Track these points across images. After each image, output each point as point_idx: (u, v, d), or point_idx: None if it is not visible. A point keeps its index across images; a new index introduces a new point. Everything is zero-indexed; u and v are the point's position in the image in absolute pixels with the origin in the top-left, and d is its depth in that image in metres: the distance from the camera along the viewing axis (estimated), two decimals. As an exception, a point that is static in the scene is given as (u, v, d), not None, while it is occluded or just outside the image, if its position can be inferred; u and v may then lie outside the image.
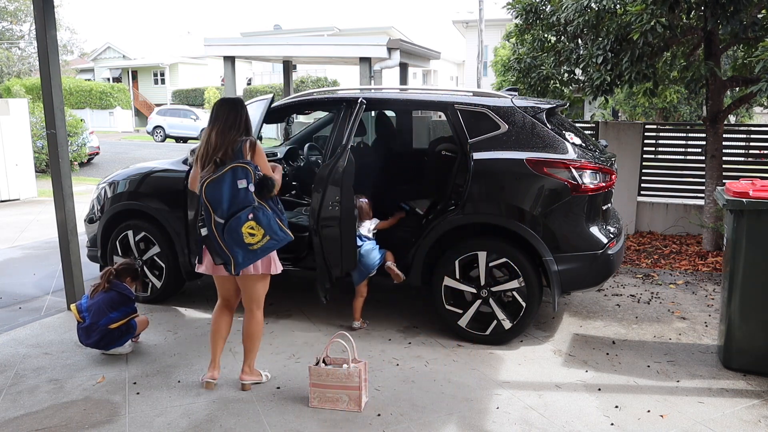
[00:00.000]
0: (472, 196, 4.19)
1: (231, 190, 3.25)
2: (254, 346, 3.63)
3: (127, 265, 4.34)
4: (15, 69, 32.72)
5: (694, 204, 7.40)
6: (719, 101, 6.56)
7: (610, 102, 13.51)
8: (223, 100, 3.47)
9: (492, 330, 4.24)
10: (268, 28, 40.09)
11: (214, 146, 3.32)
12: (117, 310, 4.06)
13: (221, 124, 3.35)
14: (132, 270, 4.34)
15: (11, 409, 3.42)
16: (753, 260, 3.68)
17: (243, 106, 3.46)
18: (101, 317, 3.99)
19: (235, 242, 3.28)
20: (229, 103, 3.44)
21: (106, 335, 4.02)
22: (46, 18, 4.54)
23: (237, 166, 3.26)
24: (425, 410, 3.39)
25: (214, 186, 3.25)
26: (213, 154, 3.31)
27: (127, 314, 4.11)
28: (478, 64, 21.51)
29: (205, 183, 3.26)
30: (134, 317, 4.18)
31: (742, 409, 3.41)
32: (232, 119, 3.37)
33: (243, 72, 34.48)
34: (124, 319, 4.07)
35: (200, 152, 3.38)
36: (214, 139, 3.33)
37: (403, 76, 11.70)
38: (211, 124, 3.39)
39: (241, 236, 3.26)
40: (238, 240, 3.27)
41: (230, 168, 3.25)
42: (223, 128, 3.34)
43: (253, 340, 3.61)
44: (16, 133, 11.00)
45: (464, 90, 4.86)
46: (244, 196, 3.27)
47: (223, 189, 3.24)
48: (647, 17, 5.61)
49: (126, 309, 4.12)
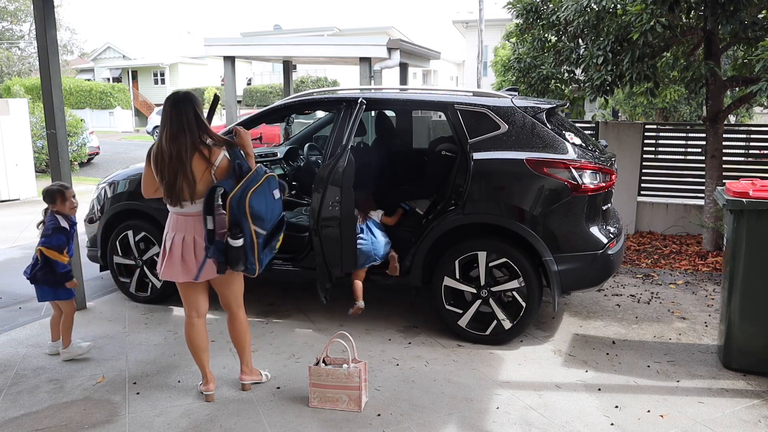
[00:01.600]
0: (472, 196, 4.19)
1: (271, 199, 3.24)
2: (246, 346, 3.58)
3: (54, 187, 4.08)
4: (15, 69, 32.72)
5: (694, 204, 7.40)
6: (719, 101, 6.56)
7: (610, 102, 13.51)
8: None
9: (492, 330, 4.24)
10: (268, 28, 40.10)
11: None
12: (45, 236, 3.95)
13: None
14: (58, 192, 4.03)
15: (11, 409, 3.42)
16: (753, 260, 3.68)
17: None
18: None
19: (271, 250, 3.30)
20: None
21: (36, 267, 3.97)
22: (46, 18, 4.54)
23: (270, 176, 3.24)
24: (425, 410, 3.39)
25: (257, 197, 3.14)
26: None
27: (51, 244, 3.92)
28: (478, 64, 21.51)
29: (250, 193, 3.11)
30: (62, 259, 3.96)
31: (742, 409, 3.41)
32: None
33: (243, 72, 34.48)
34: (55, 251, 3.92)
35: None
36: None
37: (403, 76, 11.68)
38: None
39: (276, 244, 3.32)
40: (274, 248, 3.31)
41: (266, 177, 3.20)
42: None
43: (243, 341, 3.56)
44: (16, 133, 10.99)
45: (464, 90, 4.86)
46: (279, 206, 3.31)
47: (267, 199, 3.20)
48: (647, 17, 5.60)
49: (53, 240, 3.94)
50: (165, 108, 3.23)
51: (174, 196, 3.19)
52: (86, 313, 4.94)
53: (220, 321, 4.74)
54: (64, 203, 3.99)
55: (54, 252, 3.91)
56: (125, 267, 5.16)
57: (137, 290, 5.13)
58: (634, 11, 5.78)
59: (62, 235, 3.95)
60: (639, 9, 5.72)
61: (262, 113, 4.90)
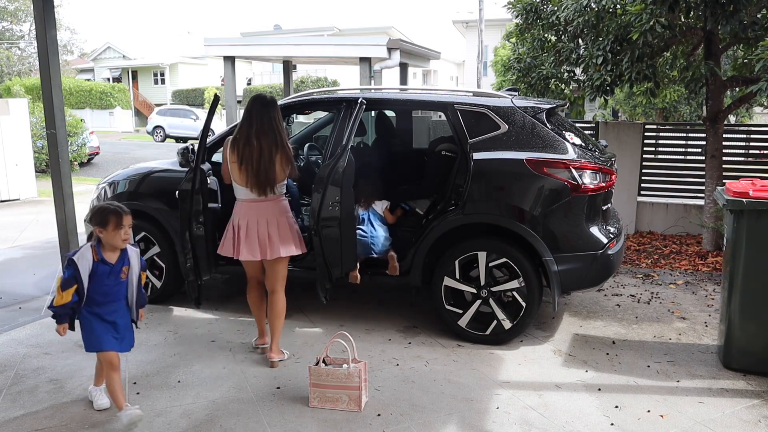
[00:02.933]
0: (472, 196, 4.19)
1: None
2: (279, 326, 3.96)
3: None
4: (15, 69, 32.72)
5: (694, 204, 7.40)
6: (719, 101, 6.56)
7: (610, 102, 13.51)
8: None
9: (492, 330, 4.24)
10: (268, 28, 40.09)
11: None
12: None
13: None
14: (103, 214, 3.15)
15: (11, 409, 3.42)
16: (753, 260, 3.68)
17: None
18: None
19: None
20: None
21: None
22: (46, 18, 4.54)
23: None
24: (425, 410, 3.39)
25: None
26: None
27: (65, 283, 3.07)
28: (478, 64, 21.51)
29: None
30: (58, 294, 3.07)
31: (742, 409, 3.41)
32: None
33: (243, 72, 34.45)
34: (60, 287, 3.08)
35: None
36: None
37: (403, 76, 11.69)
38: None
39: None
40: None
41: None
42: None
43: (278, 320, 3.94)
44: (16, 133, 11.00)
45: (464, 90, 4.86)
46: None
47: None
48: (646, 17, 5.60)
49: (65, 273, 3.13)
50: (254, 107, 3.74)
51: (260, 186, 3.72)
52: (86, 313, 4.93)
53: (220, 321, 4.74)
54: (117, 230, 3.13)
55: (58, 287, 3.10)
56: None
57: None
58: (633, 11, 5.78)
59: (68, 270, 3.10)
60: (639, 9, 5.72)
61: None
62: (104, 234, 3.10)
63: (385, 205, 4.66)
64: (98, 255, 3.12)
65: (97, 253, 3.12)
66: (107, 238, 3.12)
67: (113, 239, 3.12)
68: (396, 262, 4.42)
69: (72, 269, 3.06)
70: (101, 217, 3.10)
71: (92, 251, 3.11)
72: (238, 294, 5.37)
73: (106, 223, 3.09)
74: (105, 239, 3.12)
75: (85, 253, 3.10)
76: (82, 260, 3.08)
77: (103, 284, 3.14)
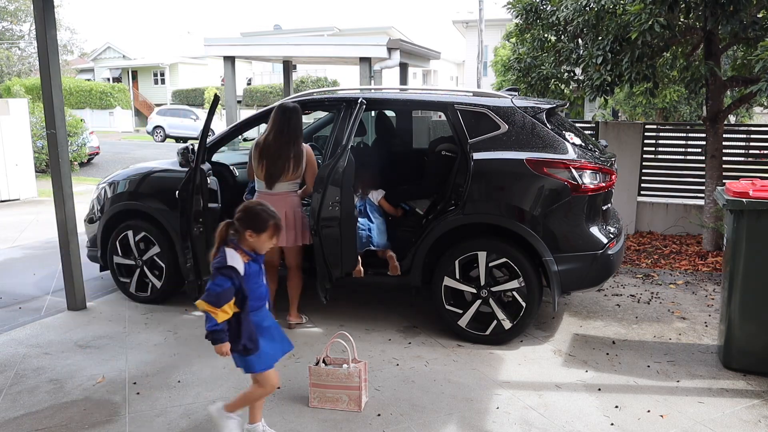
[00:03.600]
0: (472, 196, 4.19)
1: None
2: (295, 294, 4.58)
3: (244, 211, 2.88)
4: (15, 69, 32.72)
5: (694, 204, 7.40)
6: (719, 101, 6.56)
7: (610, 102, 13.51)
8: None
9: (492, 330, 4.24)
10: (268, 28, 40.09)
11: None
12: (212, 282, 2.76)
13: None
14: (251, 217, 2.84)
15: (11, 409, 3.42)
16: (753, 260, 3.68)
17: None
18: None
19: None
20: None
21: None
22: (46, 18, 4.54)
23: None
24: (425, 410, 3.39)
25: None
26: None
27: (210, 293, 2.71)
28: (478, 64, 21.51)
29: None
30: (209, 309, 2.70)
31: (742, 409, 3.41)
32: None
33: (243, 72, 34.45)
34: (209, 305, 2.71)
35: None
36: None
37: (403, 76, 11.69)
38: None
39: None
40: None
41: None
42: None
43: (294, 290, 4.57)
44: (16, 133, 11.00)
45: (464, 90, 4.86)
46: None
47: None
48: (645, 17, 5.60)
49: (212, 283, 2.73)
50: (277, 114, 4.33)
51: (268, 179, 4.30)
52: (86, 313, 4.94)
53: (220, 321, 4.74)
54: (270, 240, 2.87)
55: (207, 305, 2.71)
56: (125, 267, 5.16)
57: (137, 290, 5.13)
58: (633, 11, 5.78)
59: (227, 279, 2.73)
60: (638, 8, 5.72)
61: (262, 113, 4.90)
62: (254, 238, 2.81)
63: (381, 195, 4.67)
64: (247, 255, 2.82)
65: (245, 254, 2.82)
66: (255, 243, 2.83)
67: (261, 245, 2.85)
68: (396, 262, 4.42)
69: (231, 277, 2.72)
70: (261, 223, 2.81)
71: (240, 253, 2.80)
72: (238, 294, 5.37)
73: (263, 229, 2.81)
74: (251, 243, 2.82)
75: (234, 256, 2.76)
76: (238, 265, 2.75)
77: (258, 285, 2.88)
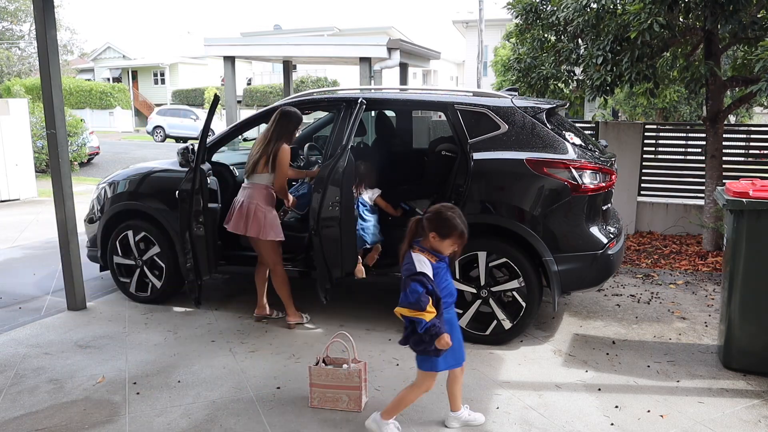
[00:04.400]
0: (472, 196, 4.19)
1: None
2: (285, 293, 4.54)
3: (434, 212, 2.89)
4: (15, 69, 32.71)
5: (694, 204, 7.40)
6: (719, 101, 6.56)
7: (610, 102, 13.51)
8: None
9: (492, 330, 4.23)
10: (268, 28, 40.09)
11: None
12: (406, 288, 2.80)
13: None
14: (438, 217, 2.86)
15: (11, 409, 3.42)
16: (753, 260, 3.68)
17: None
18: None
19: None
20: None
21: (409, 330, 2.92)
22: (46, 18, 4.54)
23: None
24: (425, 410, 3.38)
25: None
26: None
27: (410, 301, 2.76)
28: (478, 64, 21.51)
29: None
30: (416, 314, 2.77)
31: (742, 409, 3.41)
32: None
33: (243, 72, 34.45)
34: (402, 306, 2.79)
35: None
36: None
37: (403, 76, 11.69)
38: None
39: None
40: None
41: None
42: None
43: (280, 290, 4.53)
44: (16, 133, 11.00)
45: (464, 90, 4.86)
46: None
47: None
48: (645, 17, 5.60)
49: (408, 290, 2.78)
50: (276, 115, 4.38)
51: (248, 170, 4.45)
52: (86, 313, 4.94)
53: (220, 321, 4.74)
54: (452, 246, 2.87)
55: (411, 311, 2.78)
56: (125, 267, 5.16)
57: (137, 290, 5.13)
58: (632, 11, 5.78)
59: (419, 285, 2.78)
60: (638, 8, 5.72)
61: (261, 113, 4.90)
62: (436, 241, 2.84)
63: (377, 194, 4.68)
64: (434, 255, 2.86)
65: (432, 255, 2.86)
66: (437, 245, 2.85)
67: (442, 249, 2.87)
68: (377, 254, 4.50)
69: (423, 283, 2.77)
70: (447, 229, 2.82)
71: (426, 255, 2.84)
72: (238, 294, 5.38)
73: (447, 235, 2.83)
74: (433, 244, 2.85)
75: (422, 261, 2.81)
76: (426, 268, 2.80)
77: (447, 282, 2.93)
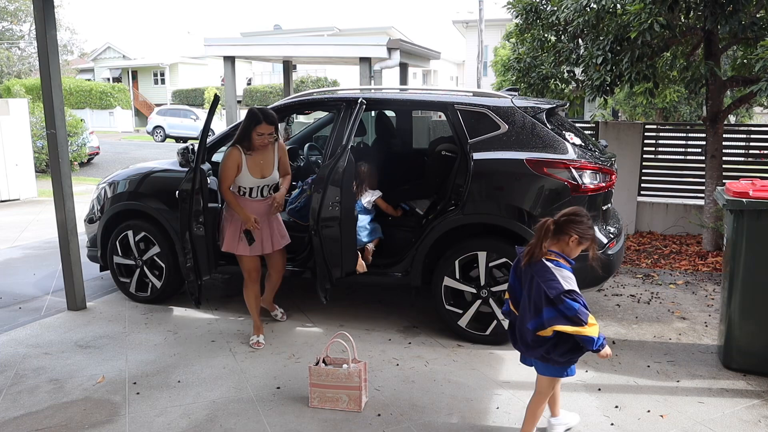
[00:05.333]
0: (472, 196, 4.19)
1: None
2: (249, 309, 4.41)
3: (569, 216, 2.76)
4: (15, 69, 32.71)
5: (694, 204, 7.40)
6: (719, 101, 6.56)
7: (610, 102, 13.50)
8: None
9: (492, 330, 4.23)
10: (268, 28, 40.09)
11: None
12: (546, 306, 2.65)
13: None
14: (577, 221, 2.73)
15: (11, 409, 3.42)
16: (753, 260, 3.68)
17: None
18: (527, 312, 2.75)
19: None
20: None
21: (535, 344, 2.78)
22: (46, 18, 4.54)
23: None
24: (425, 410, 3.38)
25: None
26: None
27: (567, 317, 2.62)
28: (478, 64, 21.50)
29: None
30: (582, 331, 2.62)
31: (742, 409, 3.41)
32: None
33: (243, 72, 34.47)
34: (560, 323, 2.64)
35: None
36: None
37: (403, 76, 11.69)
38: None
39: None
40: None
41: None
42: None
43: (246, 302, 4.39)
44: (16, 133, 11.01)
45: (464, 90, 4.86)
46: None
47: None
48: (645, 17, 5.61)
49: (562, 307, 2.62)
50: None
51: None
52: (86, 313, 4.94)
53: (220, 321, 4.74)
54: (578, 247, 2.76)
55: (575, 329, 2.63)
56: (125, 267, 5.16)
57: (137, 290, 5.13)
58: (633, 11, 5.78)
59: (574, 302, 2.64)
60: (638, 8, 5.72)
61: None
62: (575, 245, 2.75)
63: (376, 197, 4.68)
64: (568, 261, 2.77)
65: (567, 260, 2.77)
66: (572, 250, 2.76)
67: (574, 253, 2.79)
68: (370, 255, 4.49)
69: (576, 300, 2.66)
70: (589, 234, 2.76)
71: (563, 261, 2.76)
72: (238, 294, 5.36)
73: (587, 240, 2.76)
74: (569, 248, 2.76)
75: (565, 276, 2.69)
76: (573, 283, 2.69)
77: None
